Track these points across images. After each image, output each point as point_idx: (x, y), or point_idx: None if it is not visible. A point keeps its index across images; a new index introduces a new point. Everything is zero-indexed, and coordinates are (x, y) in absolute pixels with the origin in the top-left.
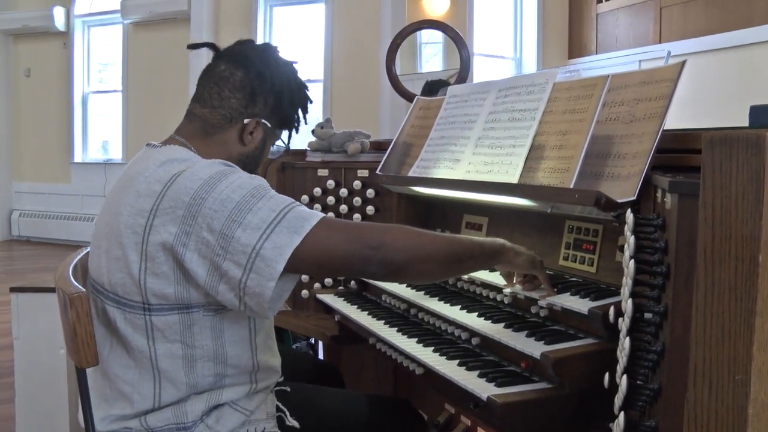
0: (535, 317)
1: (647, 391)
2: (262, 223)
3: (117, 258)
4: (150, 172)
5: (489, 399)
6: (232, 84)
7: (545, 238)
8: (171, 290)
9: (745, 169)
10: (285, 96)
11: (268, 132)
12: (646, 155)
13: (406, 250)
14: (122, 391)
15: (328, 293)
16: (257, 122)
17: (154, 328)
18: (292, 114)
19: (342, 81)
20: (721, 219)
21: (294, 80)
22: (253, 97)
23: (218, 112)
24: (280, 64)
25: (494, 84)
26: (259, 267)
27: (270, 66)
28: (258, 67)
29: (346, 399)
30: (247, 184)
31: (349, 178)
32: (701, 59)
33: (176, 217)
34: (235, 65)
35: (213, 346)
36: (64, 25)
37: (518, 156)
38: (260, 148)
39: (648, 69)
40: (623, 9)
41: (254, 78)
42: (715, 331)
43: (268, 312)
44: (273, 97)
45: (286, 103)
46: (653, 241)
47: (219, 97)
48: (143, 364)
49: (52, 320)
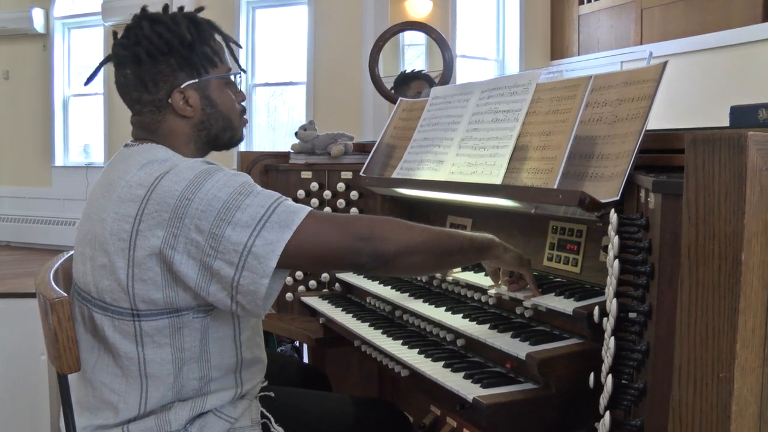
0: (520, 318)
1: (632, 391)
2: (252, 220)
3: (103, 265)
4: (131, 175)
5: (475, 400)
6: (132, 85)
7: (529, 239)
8: (159, 295)
9: (728, 168)
10: (166, 53)
11: (200, 86)
12: (629, 155)
13: (396, 242)
14: (108, 400)
15: (312, 296)
16: (178, 92)
17: (143, 334)
18: (195, 53)
19: (325, 83)
20: (705, 218)
21: (160, 31)
22: (148, 82)
23: (144, 113)
24: (135, 35)
25: (477, 85)
26: (252, 264)
27: (139, 42)
28: (132, 53)
29: (331, 402)
30: (232, 181)
31: (333, 180)
32: (682, 60)
33: (162, 220)
34: (121, 67)
35: (199, 348)
36: (43, 26)
37: (502, 157)
38: (208, 105)
39: (630, 70)
40: (605, 10)
41: (133, 66)
42: (699, 330)
43: (261, 310)
44: (160, 65)
45: (177, 55)
46: (637, 241)
47: (134, 101)
48: (131, 372)
49: (32, 326)
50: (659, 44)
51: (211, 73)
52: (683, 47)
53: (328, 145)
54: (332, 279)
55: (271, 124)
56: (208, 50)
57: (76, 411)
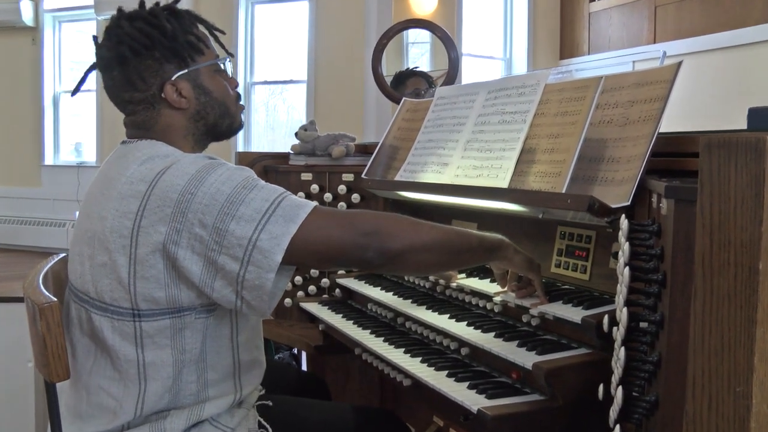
0: (527, 326)
1: (643, 403)
2: (257, 213)
3: (103, 264)
4: (132, 171)
5: (479, 411)
6: (121, 85)
7: (536, 244)
8: (162, 294)
9: (745, 174)
10: (149, 47)
11: (190, 76)
12: (640, 159)
13: (403, 238)
14: (104, 405)
15: (311, 302)
16: (170, 84)
17: (143, 335)
18: (179, 43)
19: (326, 82)
20: (720, 225)
21: (139, 27)
22: (135, 80)
23: (138, 112)
24: (112, 36)
25: (484, 85)
26: (257, 259)
27: (121, 41)
28: (116, 54)
29: (330, 411)
30: (236, 175)
31: (334, 182)
32: (697, 60)
33: (165, 215)
34: (107, 70)
35: (200, 349)
36: (32, 20)
37: (508, 160)
38: (201, 94)
39: (643, 70)
40: (616, 8)
41: (118, 68)
42: (714, 341)
43: (267, 306)
44: (146, 59)
45: (160, 48)
46: (648, 248)
47: (126, 101)
48: (129, 375)
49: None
50: (673, 43)
51: (199, 61)
52: (699, 46)
53: (329, 146)
54: (332, 285)
55: (270, 124)
56: (192, 38)
57: (66, 419)
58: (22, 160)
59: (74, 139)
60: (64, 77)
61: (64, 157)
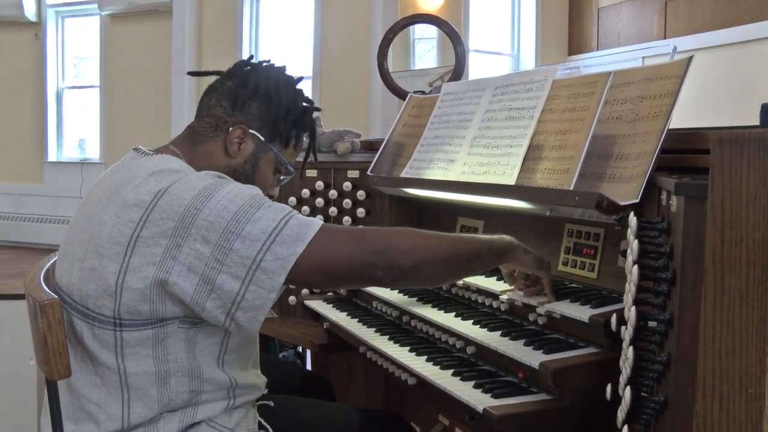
0: (533, 325)
1: (652, 404)
2: (262, 233)
3: (92, 268)
4: (139, 181)
5: (485, 411)
6: (219, 92)
7: (544, 242)
8: (146, 307)
9: (757, 170)
10: (273, 101)
11: (260, 146)
12: (650, 155)
13: (413, 254)
14: (88, 411)
15: (316, 299)
16: (244, 131)
17: (124, 344)
18: (284, 125)
19: (331, 77)
20: (731, 222)
21: (285, 86)
22: (236, 102)
23: (204, 121)
24: (270, 70)
25: (491, 81)
26: (260, 279)
27: (258, 72)
28: (245, 74)
29: (333, 413)
30: (243, 194)
31: (339, 179)
32: (709, 55)
33: (167, 228)
34: (228, 77)
35: (187, 360)
36: (35, 14)
37: (516, 156)
38: (251, 163)
39: (653, 65)
40: (626, 3)
41: (239, 84)
42: (725, 341)
43: (258, 326)
44: (258, 102)
45: (275, 110)
46: (658, 246)
47: (207, 107)
48: (111, 382)
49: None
50: (684, 38)
51: (277, 148)
52: (710, 41)
53: (334, 142)
54: None
55: None
56: (294, 133)
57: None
58: (24, 157)
59: (78, 136)
60: (68, 73)
61: (68, 154)
